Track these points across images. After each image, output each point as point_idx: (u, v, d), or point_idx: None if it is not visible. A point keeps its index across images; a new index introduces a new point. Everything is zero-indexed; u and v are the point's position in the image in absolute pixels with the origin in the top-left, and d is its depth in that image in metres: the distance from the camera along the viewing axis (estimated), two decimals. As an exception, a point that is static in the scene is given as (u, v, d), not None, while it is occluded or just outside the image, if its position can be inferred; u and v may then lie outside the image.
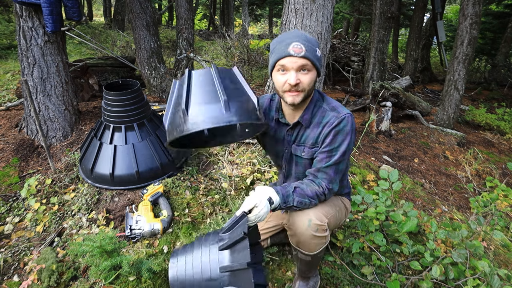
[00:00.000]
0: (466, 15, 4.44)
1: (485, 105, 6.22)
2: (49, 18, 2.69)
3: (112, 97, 2.27)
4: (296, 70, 1.28)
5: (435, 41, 8.51)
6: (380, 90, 4.51)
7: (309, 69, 1.30)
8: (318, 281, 1.74)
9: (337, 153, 1.36)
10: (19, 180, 2.59)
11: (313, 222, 1.36)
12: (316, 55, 1.30)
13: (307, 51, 1.26)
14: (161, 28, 11.92)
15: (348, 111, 1.37)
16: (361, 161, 3.25)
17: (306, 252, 1.47)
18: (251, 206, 1.23)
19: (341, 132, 1.34)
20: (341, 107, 1.40)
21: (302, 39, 1.28)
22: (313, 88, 1.37)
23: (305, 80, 1.30)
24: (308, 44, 1.28)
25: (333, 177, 1.39)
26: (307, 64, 1.28)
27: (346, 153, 1.37)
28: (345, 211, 1.63)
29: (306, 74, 1.30)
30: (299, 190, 1.34)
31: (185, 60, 4.67)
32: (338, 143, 1.35)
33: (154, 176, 2.37)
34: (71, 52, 7.78)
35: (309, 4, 2.52)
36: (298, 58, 1.26)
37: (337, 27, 12.45)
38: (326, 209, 1.44)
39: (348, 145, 1.36)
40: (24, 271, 1.84)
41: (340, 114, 1.35)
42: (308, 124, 1.42)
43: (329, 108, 1.39)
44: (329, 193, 1.39)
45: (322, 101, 1.43)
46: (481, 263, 1.55)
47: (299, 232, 1.40)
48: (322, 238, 1.41)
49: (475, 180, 3.63)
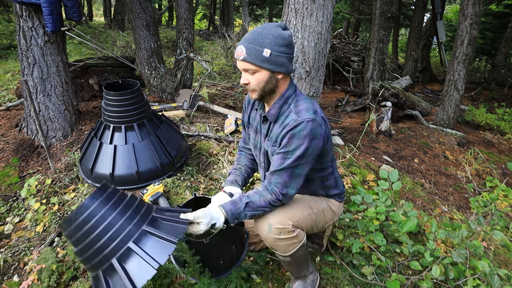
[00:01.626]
0: (466, 15, 4.44)
1: (485, 105, 6.22)
2: (49, 18, 2.70)
3: (112, 97, 2.27)
4: (244, 71, 1.33)
5: (435, 41, 8.52)
6: (380, 90, 4.51)
7: (254, 70, 1.31)
8: (316, 279, 1.73)
9: (291, 156, 1.33)
10: (19, 180, 2.59)
11: (274, 226, 1.39)
12: (261, 57, 1.27)
13: (247, 54, 1.27)
14: (161, 28, 11.93)
15: (311, 116, 1.31)
16: (361, 161, 3.25)
17: (281, 253, 1.48)
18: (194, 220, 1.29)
19: (297, 136, 1.31)
20: (307, 111, 1.33)
21: (247, 42, 1.28)
22: (268, 87, 1.35)
23: (253, 81, 1.33)
24: (251, 47, 1.27)
25: (287, 181, 1.36)
26: (249, 67, 1.30)
27: (302, 158, 1.33)
28: (331, 214, 1.61)
29: (253, 75, 1.32)
30: (251, 205, 1.36)
31: (185, 60, 4.67)
32: (293, 146, 1.32)
33: (154, 176, 2.37)
34: (71, 52, 7.79)
35: (309, 4, 2.52)
36: (240, 61, 1.30)
37: (337, 27, 12.46)
38: (292, 211, 1.44)
39: (305, 150, 1.31)
40: (24, 271, 1.84)
41: (299, 118, 1.31)
42: (274, 119, 1.42)
43: (294, 110, 1.37)
44: (284, 198, 1.38)
45: (293, 100, 1.40)
46: (481, 263, 1.55)
47: (263, 237, 1.44)
48: (291, 239, 1.42)
49: (475, 180, 3.63)
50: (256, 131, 1.57)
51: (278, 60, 1.30)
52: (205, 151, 2.87)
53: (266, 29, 1.30)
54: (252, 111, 1.60)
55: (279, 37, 1.29)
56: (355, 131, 4.23)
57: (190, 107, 3.92)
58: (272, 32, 1.29)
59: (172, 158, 2.44)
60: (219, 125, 3.52)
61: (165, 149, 2.42)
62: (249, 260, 1.84)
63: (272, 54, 1.28)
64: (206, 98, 3.95)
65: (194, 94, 4.00)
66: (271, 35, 1.28)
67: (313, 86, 2.97)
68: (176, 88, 4.65)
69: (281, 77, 1.36)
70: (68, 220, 1.12)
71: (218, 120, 3.69)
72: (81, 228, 1.11)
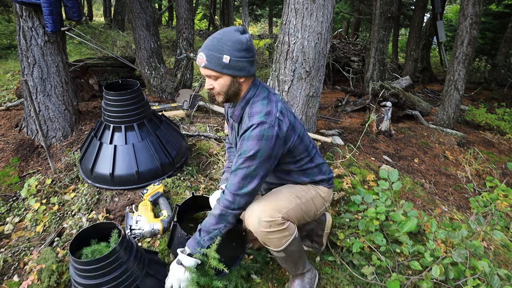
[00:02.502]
0: (466, 15, 4.44)
1: (485, 105, 6.21)
2: (49, 18, 2.69)
3: (112, 97, 2.27)
4: (207, 77, 1.38)
5: (435, 41, 8.51)
6: (380, 90, 4.51)
7: (216, 76, 1.35)
8: (315, 277, 1.73)
9: (242, 157, 1.36)
10: (19, 180, 2.59)
11: (263, 219, 1.40)
12: (221, 63, 1.31)
13: (208, 61, 1.32)
14: (161, 28, 11.93)
15: (260, 119, 1.34)
16: (361, 161, 3.25)
17: (274, 249, 1.49)
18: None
19: (247, 139, 1.35)
20: (259, 113, 1.36)
21: (207, 49, 1.32)
22: (232, 91, 1.40)
23: (217, 86, 1.38)
24: (211, 54, 1.31)
25: (240, 182, 1.37)
26: (210, 73, 1.35)
27: (254, 160, 1.34)
28: (321, 201, 1.62)
29: (215, 80, 1.37)
30: (204, 228, 1.41)
31: (185, 60, 4.67)
32: (244, 148, 1.36)
33: (154, 176, 2.37)
34: (71, 52, 7.79)
35: (309, 4, 2.52)
36: (202, 68, 1.35)
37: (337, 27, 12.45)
38: (280, 203, 1.47)
39: (255, 152, 1.33)
40: (24, 271, 1.84)
41: (250, 122, 1.36)
42: (238, 120, 1.47)
43: (248, 114, 1.41)
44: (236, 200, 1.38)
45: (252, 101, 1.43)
46: (481, 263, 1.55)
47: (254, 232, 1.45)
48: (281, 231, 1.43)
49: (475, 180, 3.63)
50: (232, 128, 1.60)
51: (238, 65, 1.32)
52: (205, 151, 2.87)
53: (225, 35, 1.32)
54: (229, 108, 1.62)
55: (237, 42, 1.31)
56: (355, 131, 4.23)
57: (190, 107, 3.92)
58: (231, 38, 1.31)
59: (172, 158, 2.44)
60: (219, 125, 3.52)
61: (165, 149, 2.42)
62: (249, 258, 1.84)
63: (231, 60, 1.32)
64: (206, 98, 3.95)
65: (194, 94, 4.00)
66: (230, 41, 1.31)
67: (313, 86, 2.97)
68: (176, 88, 4.65)
69: (243, 80, 1.40)
70: None
71: (218, 120, 3.69)
72: None
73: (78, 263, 1.32)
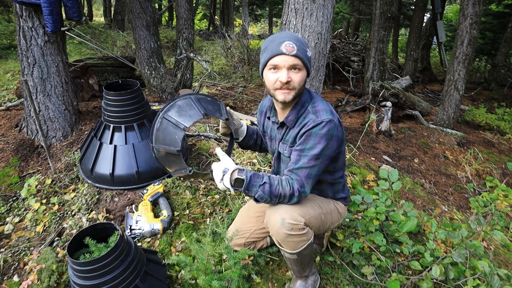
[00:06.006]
0: (466, 15, 4.44)
1: (485, 105, 6.21)
2: (49, 18, 2.69)
3: (112, 97, 2.27)
4: (287, 68, 1.30)
5: (435, 41, 8.52)
6: (380, 90, 4.51)
7: (300, 68, 1.32)
8: (317, 280, 1.73)
9: (308, 154, 1.33)
10: (19, 180, 2.59)
11: (287, 221, 1.37)
12: (306, 55, 1.33)
13: (298, 50, 1.29)
14: (161, 28, 11.92)
15: (329, 117, 1.32)
16: (361, 161, 3.25)
17: (289, 251, 1.48)
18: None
19: (314, 134, 1.32)
20: (325, 112, 1.35)
21: (294, 39, 1.31)
22: (303, 88, 1.38)
23: (296, 79, 1.32)
24: (299, 44, 1.30)
25: (304, 180, 1.35)
26: (298, 63, 1.30)
27: (319, 158, 1.33)
28: (337, 216, 1.62)
29: (297, 73, 1.32)
30: (266, 187, 1.32)
31: (185, 60, 4.67)
32: (310, 145, 1.33)
33: (154, 176, 2.37)
34: (71, 52, 7.79)
35: (309, 4, 2.52)
36: (290, 56, 1.28)
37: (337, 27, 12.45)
38: (305, 209, 1.44)
39: (322, 150, 1.32)
40: (24, 271, 1.84)
41: (318, 119, 1.33)
42: (292, 125, 1.44)
43: (312, 111, 1.38)
44: (299, 195, 1.35)
45: (310, 102, 1.42)
46: (481, 263, 1.55)
47: (274, 231, 1.42)
48: (301, 236, 1.41)
49: (475, 180, 3.63)
50: (271, 138, 1.60)
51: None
52: (205, 151, 2.87)
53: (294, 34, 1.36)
54: (265, 120, 1.63)
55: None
56: (355, 131, 4.23)
57: (190, 107, 3.91)
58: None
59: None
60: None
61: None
62: (249, 259, 1.84)
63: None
64: (206, 98, 3.94)
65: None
66: (302, 39, 1.35)
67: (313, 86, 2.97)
68: (176, 88, 4.65)
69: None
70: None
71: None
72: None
73: (76, 264, 1.32)
